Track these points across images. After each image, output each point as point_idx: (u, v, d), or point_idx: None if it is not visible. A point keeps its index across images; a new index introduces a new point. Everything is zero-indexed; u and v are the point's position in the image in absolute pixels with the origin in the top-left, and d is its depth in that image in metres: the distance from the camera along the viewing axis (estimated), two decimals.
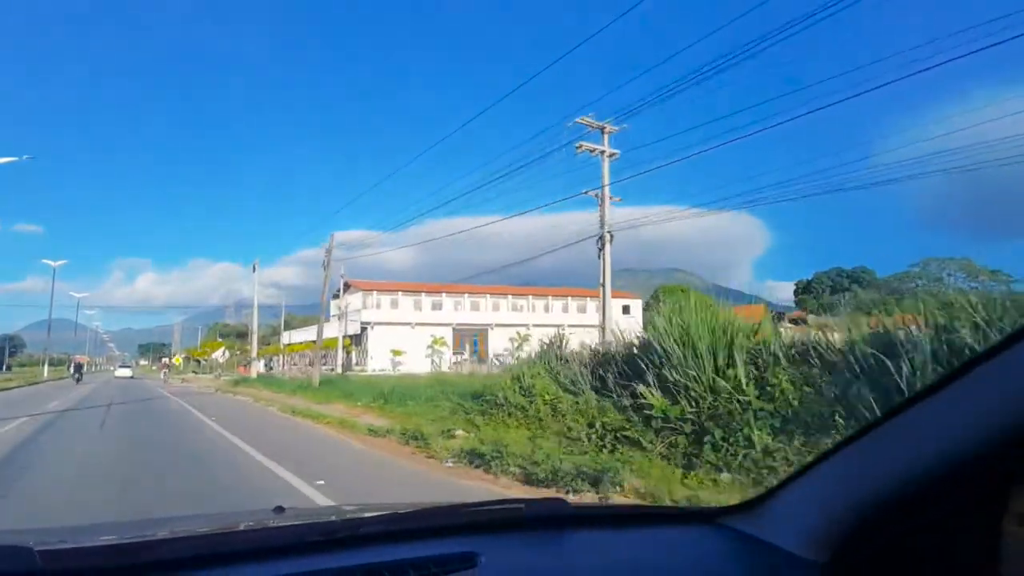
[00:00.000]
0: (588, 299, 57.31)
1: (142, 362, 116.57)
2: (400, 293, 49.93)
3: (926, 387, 0.88)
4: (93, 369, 71.14)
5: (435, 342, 48.00)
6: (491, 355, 51.81)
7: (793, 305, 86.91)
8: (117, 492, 6.14)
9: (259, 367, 65.97)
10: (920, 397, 0.89)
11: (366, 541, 1.29)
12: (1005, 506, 0.86)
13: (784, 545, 1.19)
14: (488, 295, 52.39)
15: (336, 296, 57.03)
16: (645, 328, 10.60)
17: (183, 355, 69.57)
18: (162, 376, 47.18)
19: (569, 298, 55.31)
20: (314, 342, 53.90)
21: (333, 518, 1.65)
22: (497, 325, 51.77)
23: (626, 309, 58.08)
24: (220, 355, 39.86)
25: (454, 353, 50.34)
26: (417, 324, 49.06)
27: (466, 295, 51.59)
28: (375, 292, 49.53)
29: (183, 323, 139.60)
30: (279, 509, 1.59)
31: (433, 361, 47.41)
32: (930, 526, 0.98)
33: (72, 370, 39.85)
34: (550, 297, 54.73)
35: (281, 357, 62.92)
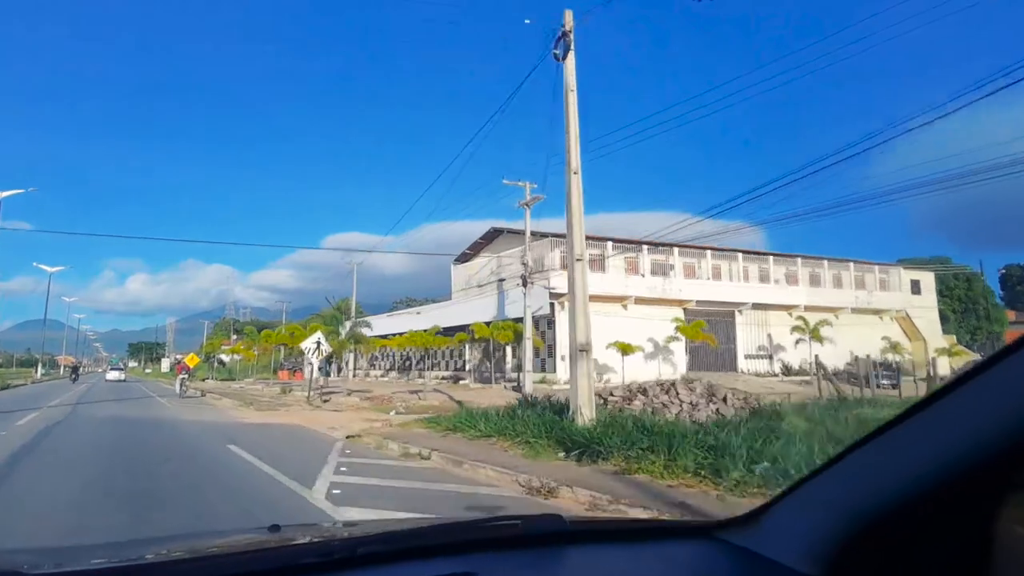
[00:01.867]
0: (876, 269, 36.36)
1: (131, 364, 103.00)
2: (610, 245, 28.47)
3: (924, 397, 0.88)
4: (81, 371, 57.49)
5: (681, 329, 26.61)
6: (741, 356, 30.56)
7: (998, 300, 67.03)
8: None
9: (313, 372, 43.97)
10: (917, 408, 0.87)
11: (363, 562, 1.24)
12: (999, 510, 0.85)
13: (781, 559, 1.15)
14: (740, 256, 31.14)
15: (465, 257, 35.38)
16: None
17: (202, 354, 47.90)
18: (178, 386, 26.06)
19: (852, 265, 34.17)
20: (426, 331, 31.29)
21: (329, 538, 1.58)
22: (755, 306, 30.46)
23: (915, 286, 37.35)
24: (311, 347, 18.05)
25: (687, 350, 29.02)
26: (637, 300, 27.72)
27: (708, 253, 30.29)
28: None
29: (176, 324, 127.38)
30: (275, 528, 1.53)
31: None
32: (922, 529, 0.97)
33: (69, 371, 46.12)
34: (826, 263, 33.58)
35: (353, 355, 41.37)
